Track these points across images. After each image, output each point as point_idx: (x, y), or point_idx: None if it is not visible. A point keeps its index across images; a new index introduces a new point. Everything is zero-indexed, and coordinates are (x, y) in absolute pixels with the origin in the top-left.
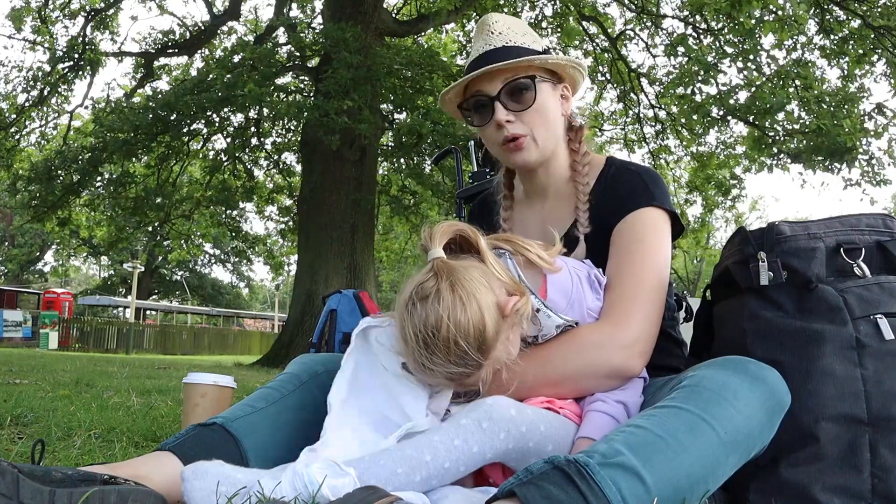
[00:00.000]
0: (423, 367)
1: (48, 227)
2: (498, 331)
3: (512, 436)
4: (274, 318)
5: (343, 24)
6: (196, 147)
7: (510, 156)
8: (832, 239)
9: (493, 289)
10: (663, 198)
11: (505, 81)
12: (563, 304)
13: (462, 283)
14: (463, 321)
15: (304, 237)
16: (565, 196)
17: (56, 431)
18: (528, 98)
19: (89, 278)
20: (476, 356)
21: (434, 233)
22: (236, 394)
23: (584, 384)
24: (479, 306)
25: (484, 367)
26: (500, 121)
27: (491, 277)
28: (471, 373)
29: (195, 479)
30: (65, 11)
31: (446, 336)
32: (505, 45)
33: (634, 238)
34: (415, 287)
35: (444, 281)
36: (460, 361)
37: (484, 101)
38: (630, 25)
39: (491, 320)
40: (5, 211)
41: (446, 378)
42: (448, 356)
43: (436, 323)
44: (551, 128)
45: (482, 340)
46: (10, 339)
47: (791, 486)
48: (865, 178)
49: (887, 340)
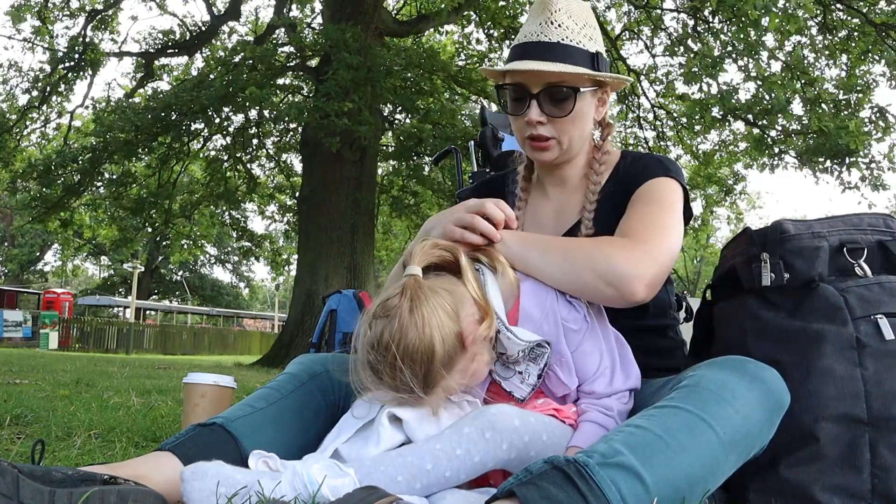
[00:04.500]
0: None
1: (50, 228)
2: (450, 361)
3: (514, 446)
4: (274, 318)
5: (343, 24)
6: (196, 147)
7: (532, 152)
8: (836, 238)
9: (459, 317)
10: (679, 174)
11: (548, 84)
12: (536, 313)
13: (422, 308)
14: (411, 347)
15: (304, 237)
16: (582, 189)
17: (56, 431)
18: (566, 107)
19: (89, 278)
20: (419, 384)
21: (416, 251)
22: (236, 394)
23: (583, 277)
24: (431, 335)
25: (432, 395)
26: (531, 120)
27: (463, 303)
28: (418, 397)
29: (195, 479)
30: (65, 11)
31: (393, 359)
32: (560, 42)
33: (655, 195)
34: (381, 302)
35: (406, 301)
36: (404, 387)
37: (522, 93)
38: (631, 27)
39: (441, 351)
40: (5, 211)
41: (396, 401)
42: (393, 378)
43: (386, 343)
44: (581, 134)
45: (428, 370)
46: (10, 339)
47: (791, 486)
48: (865, 182)
49: (888, 340)
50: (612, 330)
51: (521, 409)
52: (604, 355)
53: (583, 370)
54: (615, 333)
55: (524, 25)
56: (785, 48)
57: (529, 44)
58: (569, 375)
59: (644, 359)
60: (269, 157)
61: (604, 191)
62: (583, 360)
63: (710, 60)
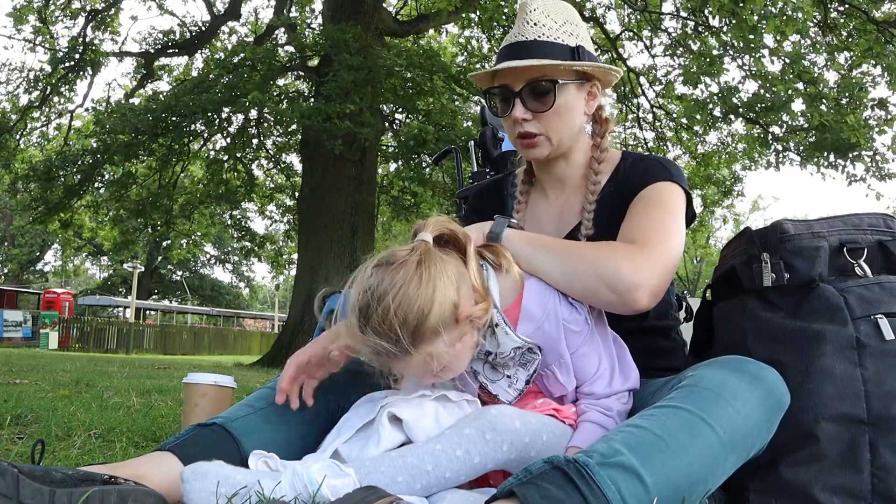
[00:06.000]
0: (356, 330)
1: (50, 228)
2: (441, 327)
3: (515, 447)
4: (274, 318)
5: (343, 24)
6: (196, 147)
7: (523, 150)
8: (836, 238)
9: (459, 290)
10: (681, 178)
11: (528, 81)
12: (539, 313)
13: (430, 267)
14: (409, 299)
15: (305, 237)
16: (582, 189)
17: (56, 431)
18: (547, 101)
19: (89, 278)
20: (407, 340)
21: (429, 222)
22: (236, 394)
23: (587, 282)
24: (433, 293)
25: (414, 357)
26: (516, 118)
27: (464, 281)
28: (399, 356)
29: (195, 479)
30: (65, 11)
31: (387, 306)
32: (536, 40)
33: (658, 199)
34: (388, 252)
35: (415, 257)
36: (390, 338)
37: (506, 94)
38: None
39: (437, 313)
40: (5, 211)
41: (373, 351)
42: (381, 326)
43: (384, 290)
44: (569, 128)
45: (419, 326)
46: (10, 339)
47: (791, 486)
48: (871, 174)
49: (888, 340)
50: (610, 332)
51: (522, 410)
52: (602, 358)
53: (582, 372)
54: (613, 335)
55: (509, 34)
56: (785, 47)
57: (509, 46)
58: (567, 377)
59: (645, 359)
60: (269, 157)
61: (604, 192)
62: (582, 363)
63: (710, 60)
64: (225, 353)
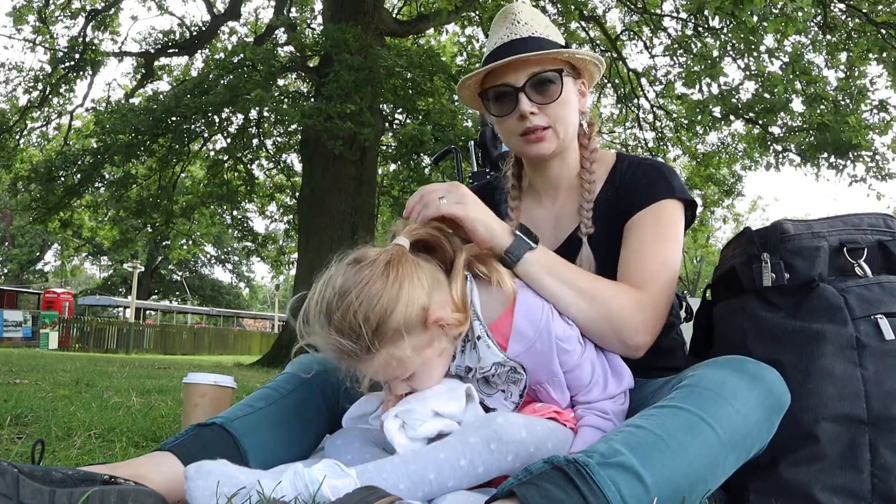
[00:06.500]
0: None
1: (50, 228)
2: (405, 329)
3: (520, 457)
4: (274, 318)
5: (343, 24)
6: (196, 147)
7: (528, 147)
8: (835, 238)
9: (431, 295)
10: (682, 190)
11: (531, 73)
12: (530, 332)
13: (398, 269)
14: (371, 297)
15: (305, 237)
16: (577, 192)
17: (56, 431)
18: (553, 91)
19: (89, 278)
20: (368, 338)
21: (408, 227)
22: (236, 394)
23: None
24: (398, 293)
25: (375, 357)
26: (524, 112)
27: (440, 288)
28: (360, 355)
29: (198, 478)
30: (65, 11)
31: (350, 303)
32: (531, 36)
33: (660, 225)
34: (360, 251)
35: (384, 257)
36: (351, 336)
37: (507, 91)
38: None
39: (402, 313)
40: (5, 211)
41: (336, 350)
42: (342, 323)
43: (348, 287)
44: (571, 122)
45: (381, 325)
46: (10, 339)
47: (791, 486)
48: (871, 174)
49: (888, 340)
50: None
51: (528, 417)
52: (595, 366)
53: (576, 384)
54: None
55: (489, 40)
56: (784, 48)
57: (501, 47)
58: (561, 394)
59: (645, 359)
60: (269, 157)
61: (602, 195)
62: (575, 375)
63: (710, 61)
64: (225, 353)
